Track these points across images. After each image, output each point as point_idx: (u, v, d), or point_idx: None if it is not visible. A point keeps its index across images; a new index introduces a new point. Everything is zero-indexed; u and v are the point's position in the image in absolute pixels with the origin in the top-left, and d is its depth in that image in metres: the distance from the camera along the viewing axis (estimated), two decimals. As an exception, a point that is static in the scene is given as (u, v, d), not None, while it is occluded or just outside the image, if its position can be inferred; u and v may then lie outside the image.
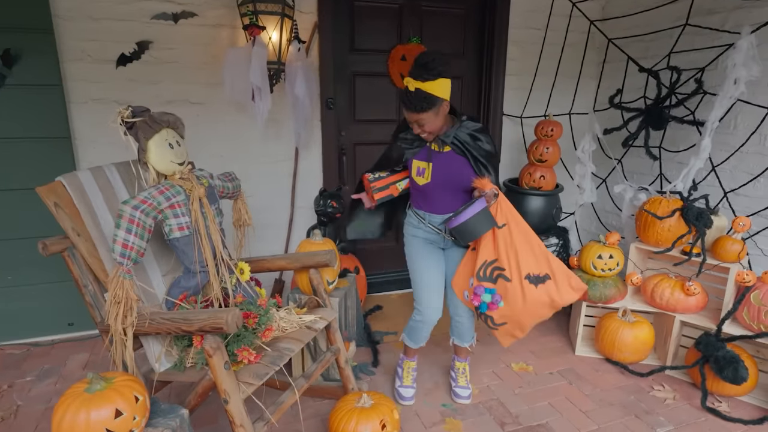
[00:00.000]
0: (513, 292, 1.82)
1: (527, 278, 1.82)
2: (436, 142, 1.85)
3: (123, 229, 1.46)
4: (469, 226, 1.73)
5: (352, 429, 1.70)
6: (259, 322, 1.63)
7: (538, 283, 1.83)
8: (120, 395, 1.20)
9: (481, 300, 1.85)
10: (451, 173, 1.85)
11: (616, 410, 2.10)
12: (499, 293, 1.84)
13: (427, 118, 1.72)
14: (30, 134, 2.37)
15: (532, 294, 1.82)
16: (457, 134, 1.82)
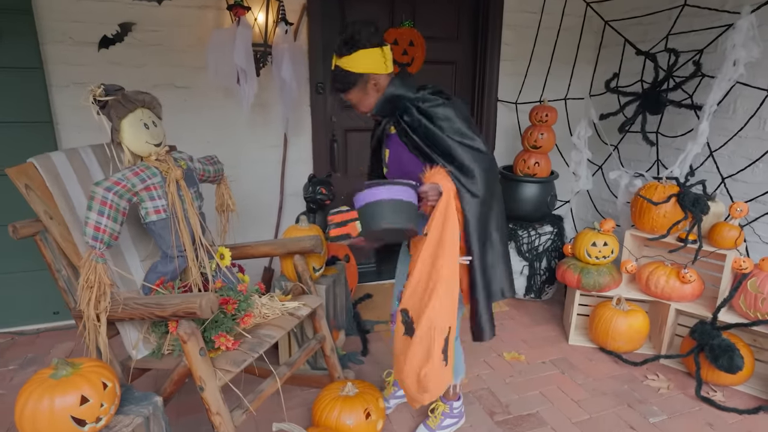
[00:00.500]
0: (397, 320, 1.44)
1: (402, 313, 1.40)
2: (388, 123, 1.58)
3: (95, 212, 1.41)
4: (369, 210, 1.32)
5: (335, 418, 1.66)
6: (238, 308, 1.59)
7: (407, 331, 1.39)
8: (86, 381, 1.15)
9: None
10: (398, 162, 1.57)
11: (608, 399, 2.06)
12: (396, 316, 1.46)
13: (353, 98, 1.52)
14: (9, 118, 2.31)
15: (399, 335, 1.42)
16: (401, 109, 1.50)
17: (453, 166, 1.43)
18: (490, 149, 1.52)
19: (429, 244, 1.37)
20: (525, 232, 2.87)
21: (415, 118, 1.48)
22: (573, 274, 2.42)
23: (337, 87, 1.52)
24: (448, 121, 1.45)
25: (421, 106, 1.48)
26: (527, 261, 2.86)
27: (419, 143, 1.47)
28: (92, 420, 1.15)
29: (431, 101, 1.48)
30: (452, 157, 1.43)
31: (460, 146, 1.44)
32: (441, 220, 1.37)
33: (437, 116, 1.46)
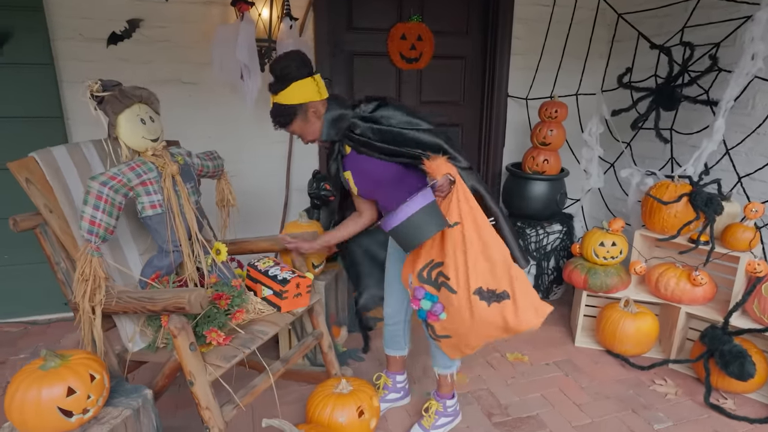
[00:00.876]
0: (458, 307, 1.47)
1: (477, 293, 1.44)
2: (341, 146, 1.63)
3: (90, 206, 1.42)
4: (408, 228, 1.34)
5: (327, 415, 1.65)
6: (231, 304, 1.59)
7: (492, 300, 1.45)
8: (74, 373, 1.17)
9: (420, 306, 1.53)
10: (365, 176, 1.60)
11: (612, 404, 2.01)
12: (441, 302, 1.51)
13: (297, 129, 1.60)
14: (22, 114, 2.37)
15: (482, 313, 1.45)
16: (347, 126, 1.56)
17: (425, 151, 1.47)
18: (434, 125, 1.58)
19: (469, 229, 1.43)
20: (533, 230, 2.81)
21: (365, 127, 1.55)
22: (580, 275, 2.36)
23: (279, 122, 1.59)
24: (393, 118, 1.54)
25: (365, 116, 1.56)
26: (535, 260, 2.80)
27: (381, 145, 1.51)
28: (79, 411, 1.17)
29: (371, 107, 1.57)
30: (421, 144, 1.49)
31: (418, 133, 1.51)
32: (465, 204, 1.44)
33: (382, 117, 1.55)
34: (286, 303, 1.70)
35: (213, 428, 1.40)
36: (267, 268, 1.76)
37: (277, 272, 1.73)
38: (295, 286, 1.70)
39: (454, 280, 1.45)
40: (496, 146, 3.18)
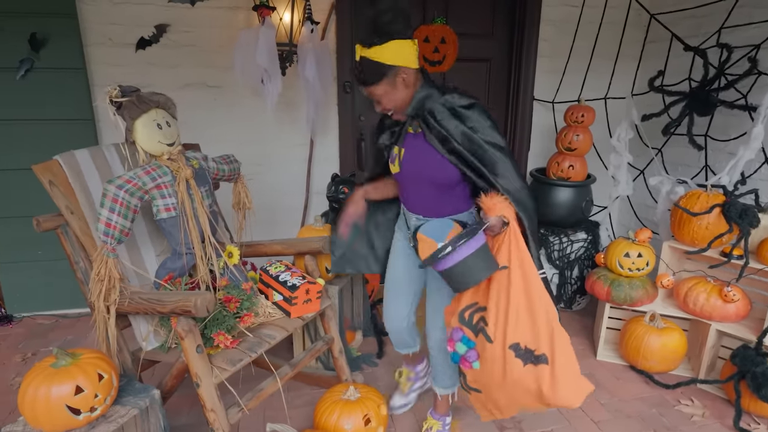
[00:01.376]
0: (492, 359, 1.37)
1: (513, 348, 1.33)
2: (411, 122, 1.48)
3: (107, 209, 1.47)
4: (463, 269, 1.31)
5: (333, 422, 1.65)
6: (241, 307, 1.61)
7: (528, 361, 1.33)
8: (82, 372, 1.21)
9: (455, 349, 1.45)
10: (419, 164, 1.48)
11: (633, 423, 1.92)
12: (476, 350, 1.41)
13: (380, 92, 1.40)
14: (56, 116, 2.48)
15: (515, 372, 1.33)
16: (428, 108, 1.42)
17: (496, 177, 1.38)
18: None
19: (516, 276, 1.34)
20: (556, 238, 2.73)
21: (450, 120, 1.40)
22: (603, 286, 2.27)
23: (363, 79, 1.39)
24: (478, 123, 1.40)
25: (457, 109, 1.41)
26: (557, 269, 2.72)
27: (459, 148, 1.39)
28: (86, 409, 1.20)
29: (462, 102, 1.42)
30: (493, 167, 1.39)
31: (495, 153, 1.39)
32: (516, 251, 1.35)
33: (470, 118, 1.40)
34: (296, 309, 1.70)
35: (218, 430, 1.42)
36: (278, 273, 1.77)
37: (288, 278, 1.73)
38: (305, 292, 1.71)
39: (492, 327, 1.36)
40: (521, 151, 3.11)
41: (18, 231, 2.54)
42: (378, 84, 1.38)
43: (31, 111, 2.44)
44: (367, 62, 1.36)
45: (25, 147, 2.46)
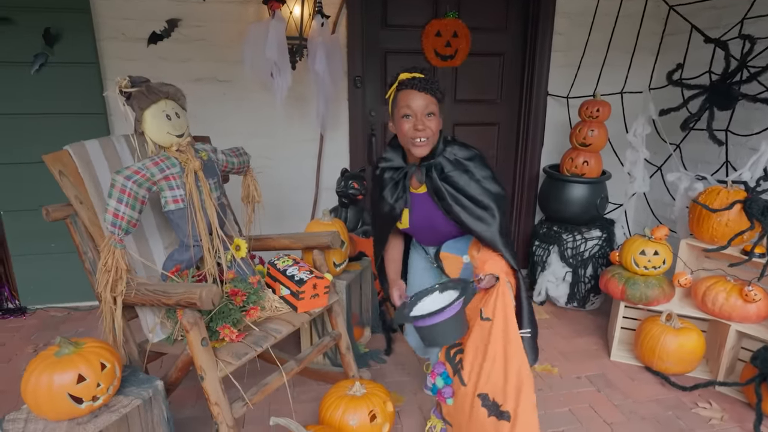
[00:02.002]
0: (463, 400, 1.42)
1: (480, 397, 1.38)
2: (416, 173, 1.53)
3: (114, 199, 1.46)
4: (434, 332, 1.37)
5: (338, 417, 1.62)
6: (247, 301, 1.60)
7: (492, 413, 1.36)
8: (85, 361, 1.20)
9: (435, 381, 1.52)
10: (428, 221, 1.53)
11: (647, 425, 1.86)
12: (452, 388, 1.48)
13: (436, 111, 1.43)
14: (69, 110, 2.50)
15: (479, 419, 1.38)
16: (441, 161, 1.47)
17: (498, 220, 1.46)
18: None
19: (497, 328, 1.38)
20: (570, 236, 2.67)
21: (459, 174, 1.46)
22: (617, 284, 2.21)
23: (435, 89, 1.42)
24: (477, 174, 1.47)
25: (461, 161, 1.48)
26: (570, 267, 2.66)
27: (465, 202, 1.45)
28: (88, 398, 1.19)
29: (465, 154, 1.49)
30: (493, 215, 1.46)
31: (491, 201, 1.46)
32: (502, 307, 1.39)
33: (480, 169, 1.48)
34: (303, 303, 1.68)
35: (221, 424, 1.41)
36: (286, 267, 1.75)
37: (295, 272, 1.72)
38: (312, 287, 1.69)
39: (467, 372, 1.42)
40: (534, 147, 3.05)
41: (31, 223, 2.57)
42: (440, 103, 1.44)
43: (44, 105, 2.46)
44: (437, 81, 1.44)
45: (38, 140, 2.48)
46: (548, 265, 2.74)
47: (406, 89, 1.42)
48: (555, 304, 2.82)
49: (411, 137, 1.43)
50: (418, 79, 1.40)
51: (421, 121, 1.40)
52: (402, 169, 1.53)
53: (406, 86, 1.41)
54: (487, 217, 1.45)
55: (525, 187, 3.12)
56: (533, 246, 2.85)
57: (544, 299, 2.81)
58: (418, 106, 1.40)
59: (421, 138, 1.42)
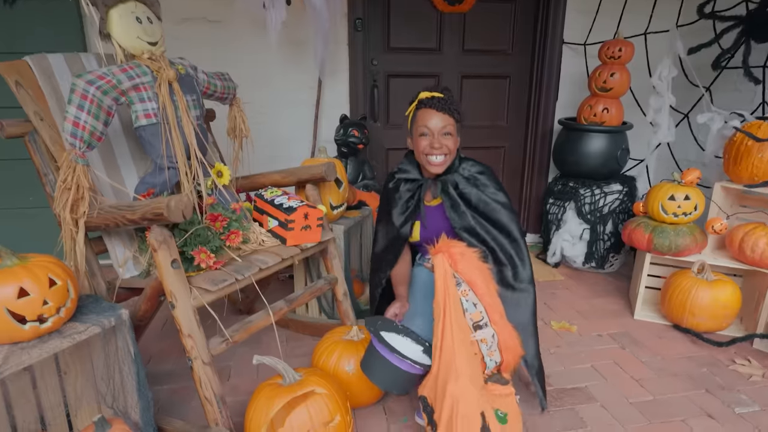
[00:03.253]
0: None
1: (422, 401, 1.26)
2: (431, 187, 1.53)
3: (74, 105, 1.27)
4: (381, 367, 1.30)
5: (333, 364, 1.43)
6: (228, 227, 1.40)
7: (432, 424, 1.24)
8: (29, 274, 1.01)
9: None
10: (438, 233, 1.44)
11: (680, 382, 1.66)
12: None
13: (453, 131, 1.43)
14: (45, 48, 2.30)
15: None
16: (456, 177, 1.49)
17: (509, 240, 1.48)
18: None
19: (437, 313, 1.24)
20: (587, 190, 2.47)
21: (470, 188, 1.48)
22: (643, 233, 2.01)
23: (454, 108, 1.43)
24: (489, 188, 1.50)
25: (475, 176, 1.50)
26: (588, 224, 2.46)
27: (484, 214, 1.48)
28: (33, 317, 1.00)
29: (479, 167, 1.52)
30: (508, 232, 1.49)
31: (510, 214, 1.50)
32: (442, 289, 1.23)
33: (492, 183, 1.51)
34: (293, 235, 1.49)
35: (195, 360, 1.22)
36: (273, 197, 1.56)
37: (284, 201, 1.52)
38: (303, 217, 1.49)
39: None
40: (548, 100, 2.84)
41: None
42: (457, 123, 1.45)
43: (18, 44, 2.28)
44: (457, 102, 1.45)
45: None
46: (564, 223, 2.53)
47: (425, 108, 1.44)
48: (571, 266, 2.61)
49: (427, 154, 1.45)
50: (438, 98, 1.43)
51: (438, 139, 1.42)
52: (417, 181, 1.54)
53: (425, 105, 1.44)
54: (501, 238, 1.48)
55: (537, 143, 2.91)
56: (547, 204, 2.65)
57: (558, 260, 2.61)
58: (435, 125, 1.42)
59: (437, 156, 1.44)
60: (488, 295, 1.25)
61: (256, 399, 1.21)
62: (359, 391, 1.43)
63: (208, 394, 1.24)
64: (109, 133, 1.54)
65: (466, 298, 1.22)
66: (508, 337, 1.28)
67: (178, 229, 1.34)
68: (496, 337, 1.25)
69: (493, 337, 1.25)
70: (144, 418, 1.22)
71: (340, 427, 1.22)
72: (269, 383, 1.25)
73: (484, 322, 1.23)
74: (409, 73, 2.78)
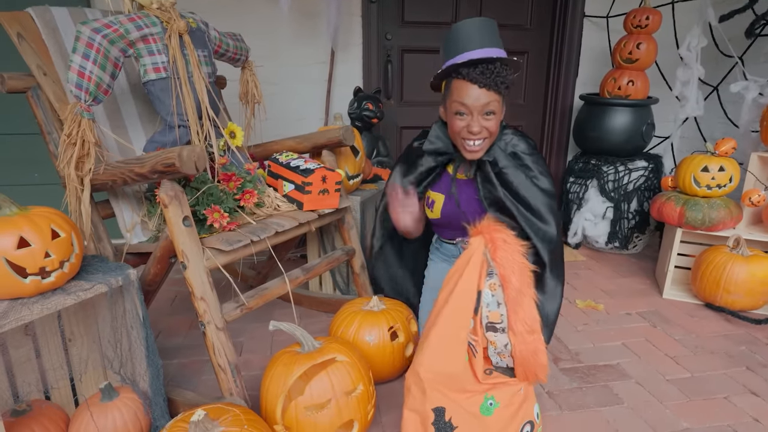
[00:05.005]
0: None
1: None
2: (464, 165, 1.32)
3: (79, 54, 1.19)
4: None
5: (352, 334, 1.34)
6: (242, 187, 1.32)
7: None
8: (30, 223, 0.93)
9: None
10: (468, 208, 1.30)
11: (718, 359, 1.57)
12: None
13: (497, 108, 1.18)
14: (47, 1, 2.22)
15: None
16: (495, 152, 1.25)
17: (531, 213, 1.25)
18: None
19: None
20: (611, 167, 2.37)
21: (514, 171, 1.25)
22: (674, 207, 1.91)
23: (497, 81, 1.14)
24: (533, 170, 1.27)
25: (519, 154, 1.27)
26: (612, 202, 2.36)
27: (521, 198, 1.24)
28: (34, 270, 0.92)
29: (524, 148, 1.28)
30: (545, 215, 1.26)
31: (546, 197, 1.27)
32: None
33: (537, 164, 1.28)
34: (310, 199, 1.40)
35: (209, 324, 1.13)
36: (289, 159, 1.47)
37: (300, 163, 1.43)
38: (321, 180, 1.41)
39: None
40: (568, 76, 2.74)
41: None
42: (503, 97, 1.19)
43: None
44: (504, 69, 1.16)
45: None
46: (585, 202, 2.43)
47: (462, 80, 1.16)
48: (593, 247, 2.52)
49: (464, 138, 1.21)
50: (481, 70, 1.13)
51: (477, 121, 1.17)
52: (447, 155, 1.31)
53: (463, 76, 1.15)
54: (545, 228, 1.25)
55: (557, 121, 2.81)
56: (567, 183, 2.55)
57: (579, 241, 2.51)
58: (475, 104, 1.15)
59: (475, 141, 1.20)
60: (516, 302, 1.04)
61: (273, 367, 1.13)
62: (380, 363, 1.34)
63: (221, 361, 1.16)
64: (116, 91, 1.46)
65: (493, 292, 1.05)
66: (530, 358, 1.07)
67: (190, 187, 1.26)
68: (509, 347, 1.09)
69: (506, 347, 1.09)
70: (153, 386, 1.14)
71: (363, 397, 1.14)
72: (287, 351, 1.16)
73: (502, 327, 1.07)
74: (425, 48, 2.68)
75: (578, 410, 1.33)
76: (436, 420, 0.99)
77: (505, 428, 1.04)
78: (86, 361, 1.16)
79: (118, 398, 1.08)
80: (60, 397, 1.17)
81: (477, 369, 1.07)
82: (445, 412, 1.00)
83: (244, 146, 1.60)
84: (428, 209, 1.38)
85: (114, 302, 1.11)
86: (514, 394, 1.08)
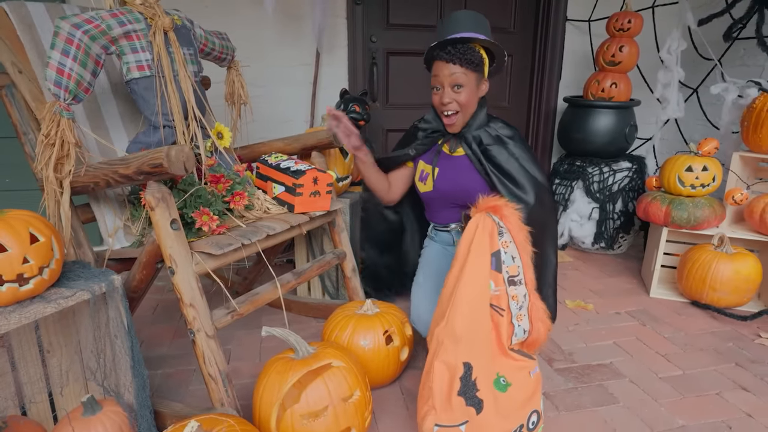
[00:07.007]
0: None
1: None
2: (451, 141, 1.47)
3: (58, 51, 1.14)
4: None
5: (346, 339, 1.31)
6: (231, 189, 1.28)
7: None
8: (6, 226, 0.87)
9: None
10: (458, 186, 1.44)
11: (707, 356, 1.58)
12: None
13: (467, 83, 1.33)
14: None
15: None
16: (481, 133, 1.41)
17: (509, 180, 1.39)
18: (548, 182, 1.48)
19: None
20: (596, 169, 2.39)
21: (498, 148, 1.40)
22: (660, 207, 1.94)
23: (466, 58, 1.30)
24: (518, 156, 1.41)
25: (502, 138, 1.41)
26: (597, 203, 2.38)
27: (503, 171, 1.39)
28: (11, 276, 0.87)
29: (507, 132, 1.43)
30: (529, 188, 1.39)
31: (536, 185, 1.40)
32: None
33: (519, 147, 1.42)
34: (301, 201, 1.37)
35: (198, 332, 1.09)
36: (279, 161, 1.43)
37: (291, 164, 1.40)
38: (312, 181, 1.37)
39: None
40: (551, 79, 2.77)
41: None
42: (472, 72, 1.33)
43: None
44: (472, 48, 1.31)
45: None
46: (571, 203, 2.45)
47: (435, 59, 1.36)
48: (579, 247, 2.54)
49: (441, 111, 1.40)
50: (449, 48, 1.31)
51: (448, 93, 1.34)
52: (439, 133, 1.47)
53: (435, 56, 1.35)
54: (522, 196, 1.36)
55: (541, 123, 2.84)
56: (553, 185, 2.57)
57: (566, 242, 2.53)
58: (443, 78, 1.34)
59: (447, 112, 1.37)
60: (526, 255, 1.16)
61: (267, 374, 1.09)
62: (375, 368, 1.31)
63: (212, 371, 1.11)
64: (96, 90, 1.40)
65: (505, 249, 1.13)
66: (540, 307, 1.19)
67: (177, 189, 1.21)
68: (527, 298, 1.16)
69: (525, 297, 1.15)
70: (139, 398, 1.09)
71: (360, 403, 1.10)
72: (281, 357, 1.12)
73: (519, 279, 1.14)
74: (409, 50, 2.68)
75: (575, 411, 1.32)
76: (465, 375, 1.05)
77: (517, 410, 1.11)
78: (66, 373, 1.10)
79: (101, 412, 1.02)
80: (38, 412, 1.11)
81: (502, 332, 1.12)
82: (473, 371, 1.05)
83: (231, 148, 1.56)
84: (421, 183, 1.51)
85: (97, 310, 1.06)
86: (526, 378, 1.14)
